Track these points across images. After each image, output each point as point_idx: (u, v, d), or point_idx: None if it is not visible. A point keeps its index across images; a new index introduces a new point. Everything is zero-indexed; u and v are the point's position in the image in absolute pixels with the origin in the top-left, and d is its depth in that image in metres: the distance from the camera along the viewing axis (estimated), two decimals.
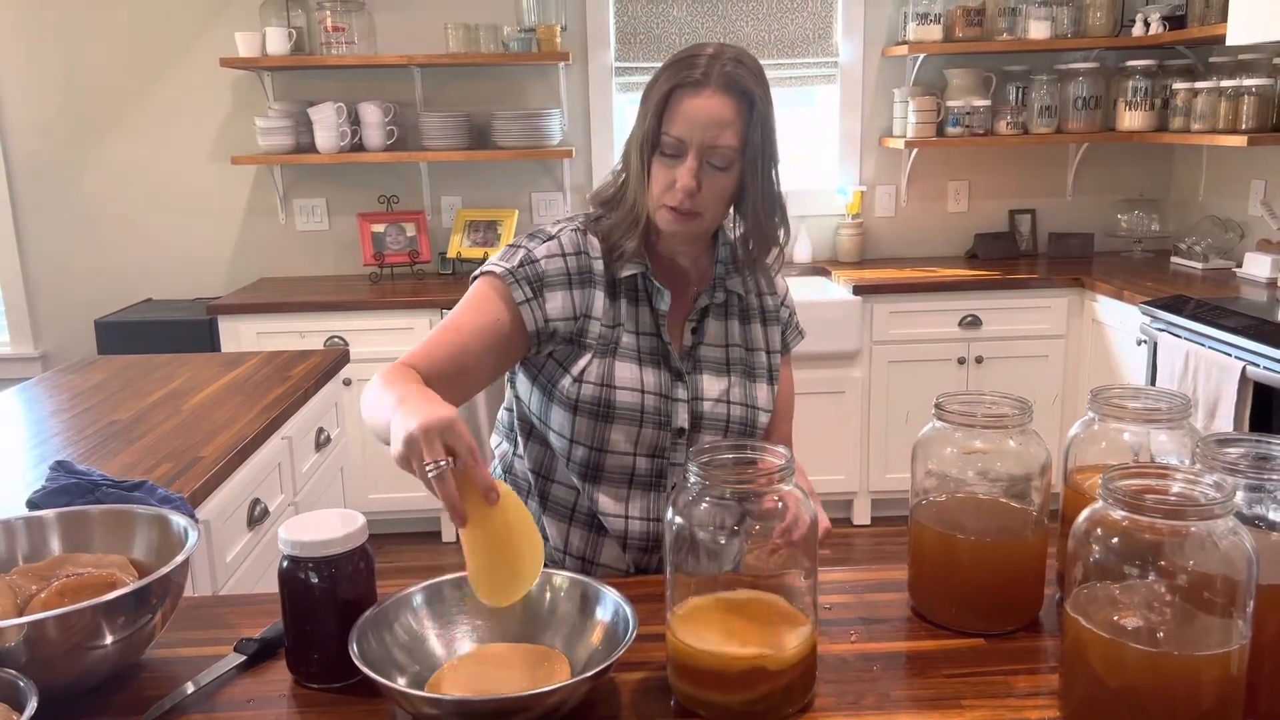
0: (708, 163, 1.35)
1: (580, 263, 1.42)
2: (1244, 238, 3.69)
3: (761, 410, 1.49)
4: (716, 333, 1.49)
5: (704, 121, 1.33)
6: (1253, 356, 2.65)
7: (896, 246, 4.17)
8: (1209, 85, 3.42)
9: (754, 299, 1.53)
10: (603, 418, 1.41)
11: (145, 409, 2.14)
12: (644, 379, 1.42)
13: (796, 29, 4.00)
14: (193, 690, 1.08)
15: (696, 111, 1.33)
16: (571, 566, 1.49)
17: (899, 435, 3.67)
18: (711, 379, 1.47)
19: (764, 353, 1.52)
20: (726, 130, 1.34)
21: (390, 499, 3.65)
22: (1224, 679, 0.92)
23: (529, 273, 1.39)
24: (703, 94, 1.33)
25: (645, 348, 1.44)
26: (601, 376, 1.41)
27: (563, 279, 1.40)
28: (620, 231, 1.42)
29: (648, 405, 1.41)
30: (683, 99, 1.34)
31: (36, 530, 1.24)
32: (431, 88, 3.96)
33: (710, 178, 1.36)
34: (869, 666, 1.12)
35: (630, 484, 1.45)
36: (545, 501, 1.50)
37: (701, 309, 1.47)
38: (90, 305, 3.94)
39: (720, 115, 1.33)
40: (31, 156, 3.96)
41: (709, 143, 1.34)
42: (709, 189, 1.36)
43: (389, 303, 3.55)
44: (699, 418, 1.45)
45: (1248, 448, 1.06)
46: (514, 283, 1.39)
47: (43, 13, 3.86)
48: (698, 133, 1.33)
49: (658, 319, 1.45)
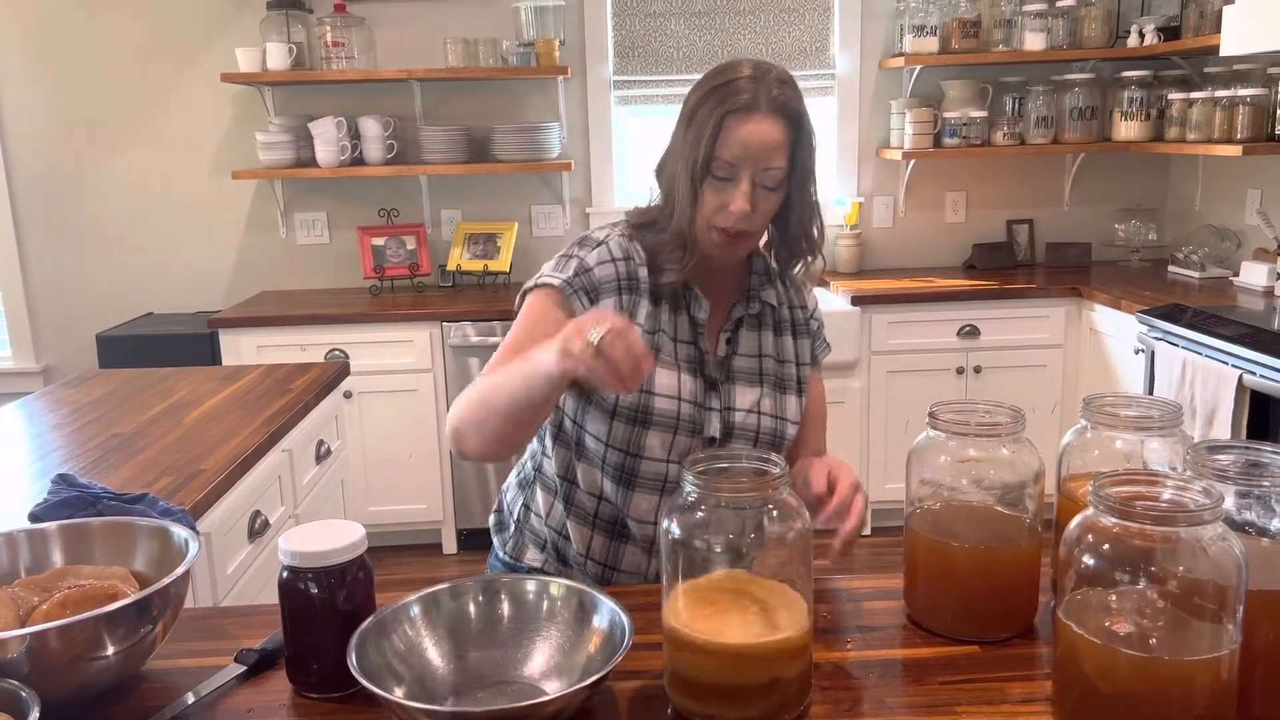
0: (759, 185, 1.36)
1: (629, 268, 1.42)
2: (1241, 246, 3.70)
3: (790, 423, 1.50)
4: (750, 344, 1.50)
5: (757, 146, 1.34)
6: (1250, 365, 2.66)
7: (894, 257, 4.19)
8: (1204, 95, 3.44)
9: (786, 311, 1.54)
10: (640, 423, 1.41)
11: (146, 422, 2.15)
12: (681, 386, 1.42)
13: (794, 41, 4.03)
14: (193, 701, 1.09)
15: (750, 136, 1.34)
16: (593, 571, 1.50)
17: (898, 445, 3.68)
18: (744, 389, 1.47)
19: (794, 365, 1.53)
20: (778, 153, 1.35)
21: (390, 511, 3.66)
22: (1215, 684, 0.92)
23: (585, 282, 1.40)
24: (753, 119, 1.34)
25: (683, 355, 1.45)
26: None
27: (613, 284, 1.41)
28: (665, 251, 1.42)
29: (684, 413, 1.42)
30: (734, 125, 1.34)
31: (39, 543, 1.25)
32: (431, 102, 3.99)
33: (762, 199, 1.37)
34: (865, 674, 1.13)
35: (663, 490, 1.45)
36: (570, 506, 1.50)
37: (736, 320, 1.48)
38: (92, 319, 3.96)
39: (772, 139, 1.35)
40: (34, 171, 3.98)
41: (761, 166, 1.35)
42: (760, 210, 1.38)
43: (389, 316, 3.56)
44: (730, 427, 1.45)
45: (1238, 454, 1.06)
46: (573, 294, 1.39)
47: (46, 29, 3.89)
48: (750, 158, 1.34)
49: (696, 328, 1.46)
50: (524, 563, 1.55)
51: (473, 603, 1.17)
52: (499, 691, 1.11)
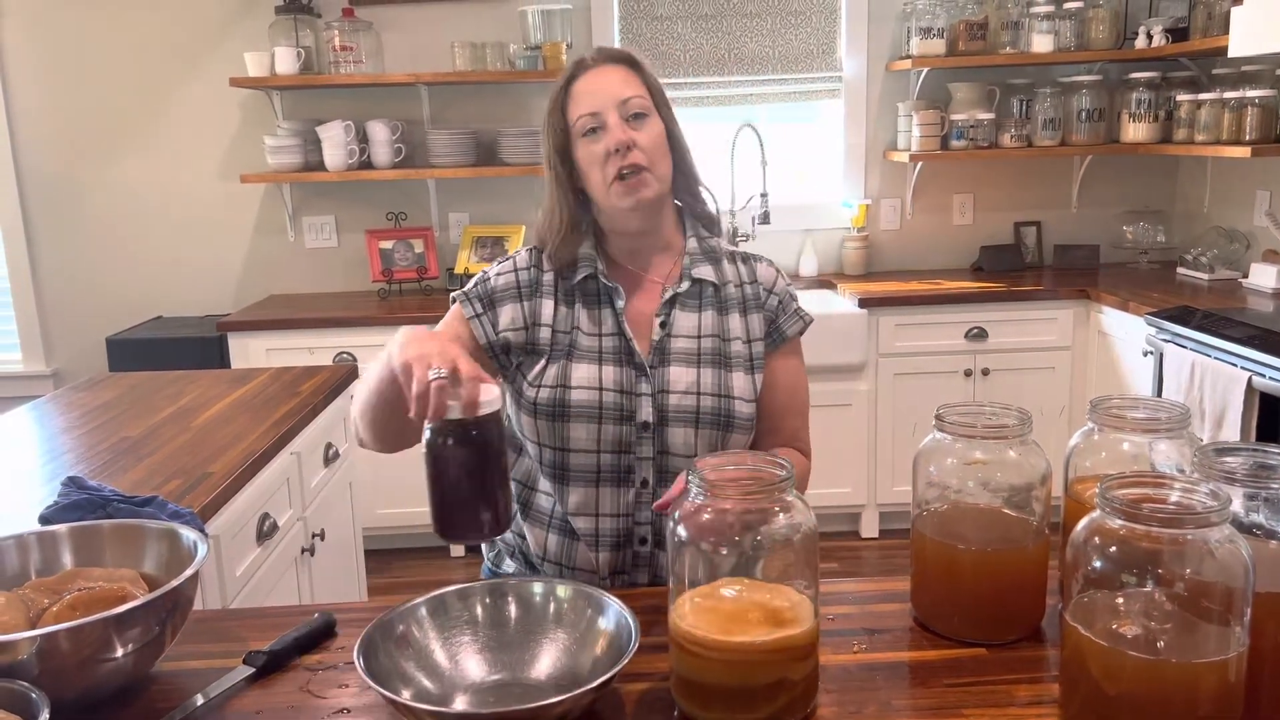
0: (629, 116, 1.43)
1: (530, 276, 1.51)
2: (1250, 248, 3.69)
3: (739, 400, 1.48)
4: (688, 325, 1.50)
5: (605, 86, 1.44)
6: (1259, 367, 2.65)
7: (902, 259, 4.18)
8: (1212, 97, 3.43)
9: (733, 289, 1.53)
10: (559, 417, 1.45)
11: (155, 425, 2.16)
12: (603, 376, 1.46)
13: (801, 44, 4.03)
14: (202, 702, 1.09)
15: (595, 83, 1.44)
16: (549, 571, 1.52)
17: (906, 448, 3.67)
18: (680, 370, 1.47)
19: (743, 342, 1.51)
20: (629, 84, 1.45)
21: (398, 514, 3.67)
22: (1222, 686, 0.92)
23: (480, 291, 1.52)
24: (590, 72, 1.45)
25: (607, 347, 1.48)
26: (557, 378, 1.46)
27: (513, 292, 1.50)
28: (565, 246, 1.50)
29: (606, 401, 1.45)
30: (576, 85, 1.45)
31: (49, 545, 1.26)
32: (439, 105, 4.00)
33: (638, 127, 1.43)
34: (871, 676, 1.13)
35: (597, 481, 1.47)
36: (526, 510, 1.54)
37: (668, 300, 1.50)
38: (101, 323, 3.98)
39: (616, 77, 1.45)
40: (44, 175, 4.01)
41: (619, 99, 1.43)
42: (641, 139, 1.43)
43: (397, 319, 3.57)
44: (665, 411, 1.46)
45: (1246, 456, 1.06)
46: (466, 301, 1.52)
47: (56, 34, 3.91)
48: (605, 97, 1.43)
49: (618, 319, 1.49)
50: (502, 570, 1.61)
51: (480, 605, 1.18)
52: (505, 693, 1.11)
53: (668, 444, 1.47)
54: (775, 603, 1.05)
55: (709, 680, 1.03)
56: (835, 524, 3.86)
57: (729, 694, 1.02)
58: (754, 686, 1.02)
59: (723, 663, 1.01)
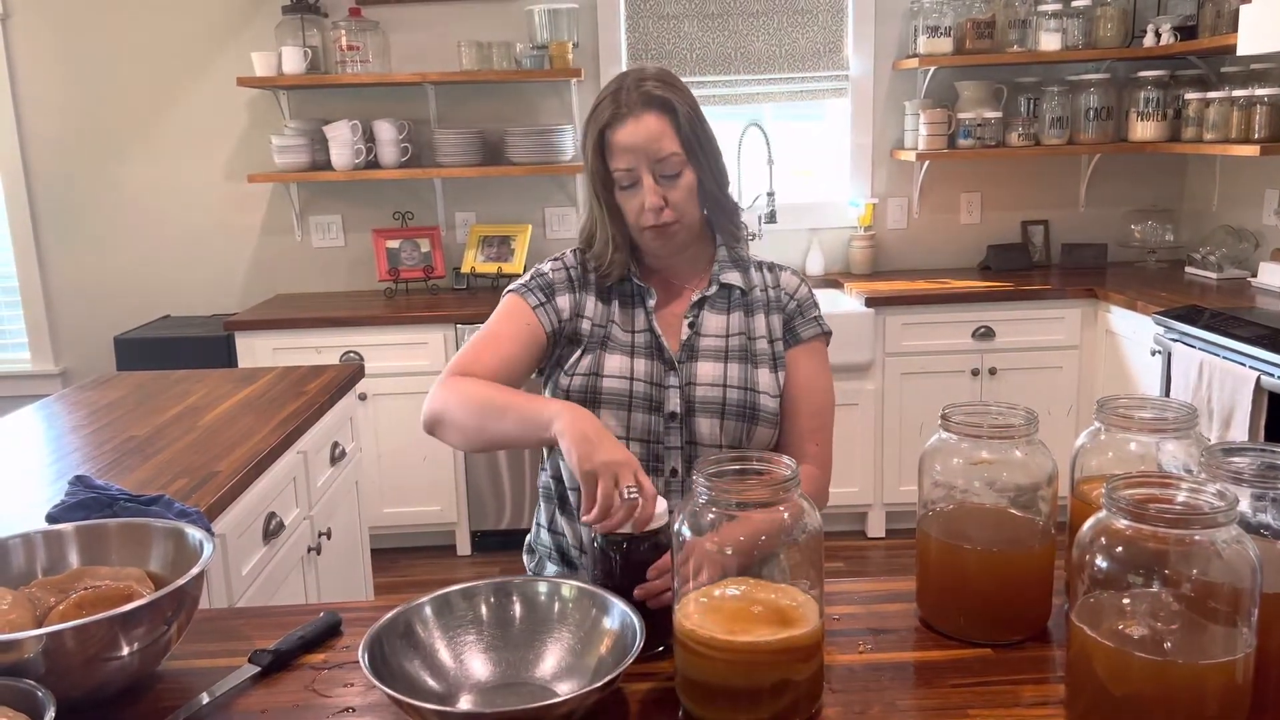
0: (662, 176, 1.50)
1: (577, 273, 1.62)
2: (1259, 247, 3.68)
3: (763, 394, 1.55)
4: (716, 325, 1.59)
5: (641, 144, 1.48)
6: (1267, 366, 2.64)
7: (909, 258, 4.18)
8: (1221, 95, 3.42)
9: (759, 293, 1.63)
10: (591, 404, 1.52)
11: (162, 424, 2.17)
12: (634, 368, 1.55)
13: (807, 43, 4.02)
14: (207, 701, 1.10)
15: (629, 138, 1.49)
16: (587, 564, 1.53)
17: (913, 447, 3.67)
18: (708, 365, 1.56)
19: (766, 340, 1.60)
20: (663, 140, 1.49)
21: (404, 513, 3.68)
22: (1229, 687, 0.92)
23: (539, 282, 1.61)
24: (627, 123, 1.49)
25: (640, 342, 1.57)
26: (590, 367, 1.55)
27: (565, 284, 1.60)
28: (605, 258, 1.59)
29: (637, 390, 1.53)
30: (613, 137, 1.50)
31: (55, 544, 1.26)
32: (445, 105, 4.00)
33: (669, 188, 1.50)
34: (876, 677, 1.13)
35: None
36: (564, 504, 1.61)
37: (697, 303, 1.59)
38: (109, 322, 3.99)
39: (651, 131, 1.49)
40: (53, 175, 4.02)
41: (654, 159, 1.49)
42: (674, 197, 1.51)
43: (404, 318, 3.57)
44: (692, 402, 1.54)
45: (1254, 457, 1.06)
46: (527, 292, 1.59)
47: (65, 35, 3.92)
48: (641, 156, 1.49)
49: (650, 317, 1.58)
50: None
51: (485, 604, 1.18)
52: (510, 693, 1.11)
53: (695, 434, 1.53)
54: (780, 602, 1.05)
55: (714, 680, 1.03)
56: (841, 523, 3.85)
57: (734, 694, 1.02)
58: (759, 686, 1.02)
59: (727, 662, 1.01)
